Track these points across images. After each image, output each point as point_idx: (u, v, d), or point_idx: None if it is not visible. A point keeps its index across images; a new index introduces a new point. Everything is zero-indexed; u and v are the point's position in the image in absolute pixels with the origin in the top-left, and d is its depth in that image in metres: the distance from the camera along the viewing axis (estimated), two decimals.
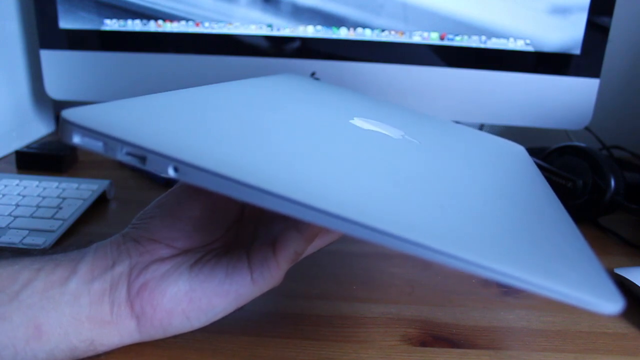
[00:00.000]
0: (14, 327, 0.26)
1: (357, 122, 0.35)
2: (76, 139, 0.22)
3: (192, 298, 0.28)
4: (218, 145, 0.23)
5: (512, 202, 0.30)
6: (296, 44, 0.65)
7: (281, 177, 0.21)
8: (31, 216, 0.47)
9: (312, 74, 0.64)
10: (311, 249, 0.33)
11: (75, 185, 0.53)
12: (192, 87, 0.32)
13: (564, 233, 0.27)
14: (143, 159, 0.22)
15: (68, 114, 0.22)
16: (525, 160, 0.42)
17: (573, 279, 0.21)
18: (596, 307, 0.20)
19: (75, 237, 0.45)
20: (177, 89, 0.31)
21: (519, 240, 0.24)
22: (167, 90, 0.29)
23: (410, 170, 0.28)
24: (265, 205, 0.20)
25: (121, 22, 0.65)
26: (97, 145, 0.22)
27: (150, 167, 0.21)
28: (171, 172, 0.21)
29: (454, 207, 0.25)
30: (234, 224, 0.33)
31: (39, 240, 0.43)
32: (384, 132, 0.34)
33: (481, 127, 0.77)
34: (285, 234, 0.29)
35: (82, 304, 0.27)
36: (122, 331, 0.28)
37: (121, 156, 0.22)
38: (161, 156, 0.21)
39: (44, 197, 0.50)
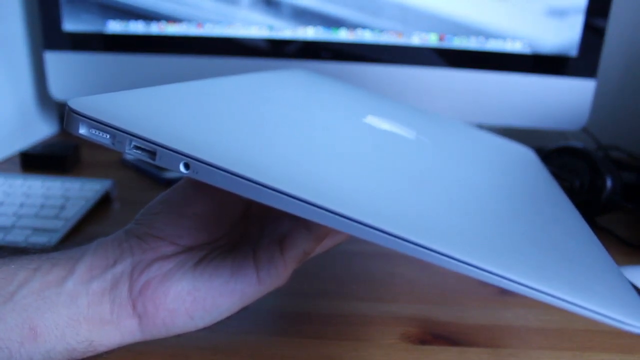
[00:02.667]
0: (7, 329, 0.25)
1: (371, 120, 0.34)
2: (82, 130, 0.21)
3: (196, 297, 0.27)
4: (230, 141, 0.22)
5: (532, 210, 0.29)
6: (296, 45, 0.65)
7: (296, 177, 0.20)
8: (35, 216, 0.47)
9: None
10: (320, 248, 0.32)
11: (78, 185, 0.53)
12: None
13: (585, 243, 0.26)
14: (153, 154, 0.21)
15: (75, 103, 0.21)
16: (536, 164, 0.41)
17: (600, 295, 0.20)
18: (627, 326, 0.19)
19: (78, 237, 0.46)
20: None
21: (543, 251, 0.23)
22: None
23: (427, 174, 0.27)
24: (281, 206, 0.20)
25: (124, 24, 0.66)
26: (104, 138, 0.21)
27: (160, 162, 0.20)
28: (182, 169, 0.20)
29: (473, 215, 0.24)
30: (240, 221, 0.32)
31: (42, 240, 0.43)
32: (398, 131, 0.34)
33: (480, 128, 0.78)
34: (294, 233, 0.28)
35: (80, 305, 0.26)
36: (123, 331, 0.27)
37: (129, 150, 0.21)
38: (172, 151, 0.20)
39: (47, 197, 0.50)
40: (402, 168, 0.27)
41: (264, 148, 0.22)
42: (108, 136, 0.21)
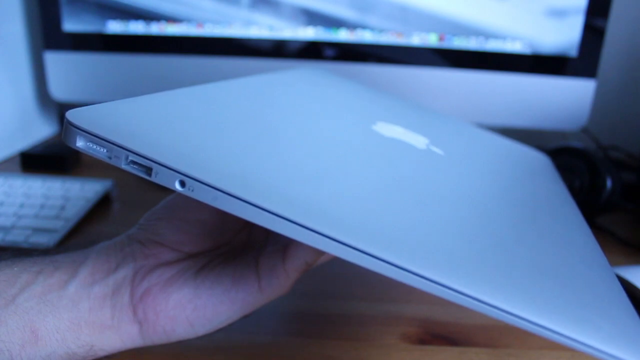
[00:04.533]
0: (9, 332, 0.25)
1: (380, 127, 0.33)
2: (80, 143, 0.21)
3: (197, 305, 0.27)
4: (229, 158, 0.22)
5: (541, 230, 0.28)
6: (296, 46, 0.65)
7: (294, 200, 0.20)
8: (35, 216, 0.47)
9: None
10: (322, 259, 0.32)
11: (78, 185, 0.53)
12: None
13: (593, 268, 0.25)
14: (149, 170, 0.21)
15: (72, 115, 0.21)
16: (551, 173, 0.40)
17: (603, 331, 0.19)
18: None
19: (78, 237, 0.46)
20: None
21: (549, 280, 0.22)
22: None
23: (433, 190, 0.27)
24: (278, 230, 0.19)
25: (124, 24, 0.66)
26: (100, 152, 0.21)
27: (156, 179, 0.20)
28: (178, 186, 0.20)
29: (478, 239, 0.23)
30: (243, 229, 0.32)
31: (43, 240, 0.43)
32: (407, 140, 0.33)
33: None
34: (297, 243, 0.27)
35: (81, 309, 0.26)
36: (123, 336, 0.27)
37: (125, 165, 0.21)
38: (168, 168, 0.20)
39: (48, 197, 0.51)
40: (408, 185, 0.26)
41: (263, 166, 0.22)
42: (105, 150, 0.21)
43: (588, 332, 0.19)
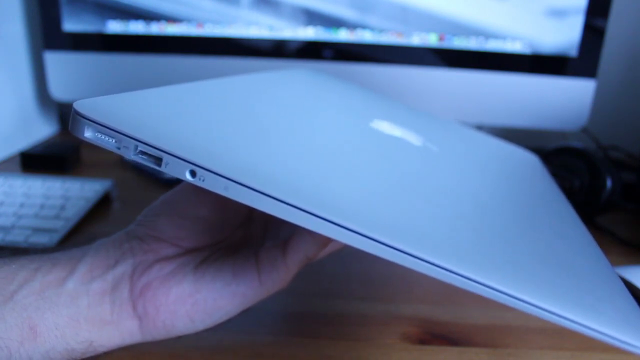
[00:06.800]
0: (7, 328, 0.25)
1: (378, 125, 0.34)
2: (88, 134, 0.21)
3: (197, 299, 0.27)
4: (237, 149, 0.22)
5: (537, 223, 0.28)
6: (296, 46, 0.65)
7: (302, 188, 0.20)
8: (35, 216, 0.47)
9: None
10: (322, 252, 0.32)
11: (78, 185, 0.53)
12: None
13: (590, 259, 0.26)
14: (158, 160, 0.20)
15: (80, 105, 0.21)
16: (541, 172, 0.41)
17: (603, 314, 0.20)
18: (630, 347, 0.19)
19: (78, 237, 0.46)
20: None
21: (549, 269, 0.23)
22: None
23: (432, 183, 0.27)
24: (285, 217, 0.20)
25: (124, 24, 0.66)
26: (109, 142, 0.21)
27: (166, 169, 0.20)
28: (188, 176, 0.20)
29: (478, 228, 0.24)
30: (242, 224, 0.32)
31: (43, 240, 0.43)
32: (404, 137, 0.33)
33: (480, 128, 0.78)
34: (297, 237, 0.28)
35: (80, 305, 0.26)
36: (123, 332, 0.27)
37: (135, 155, 0.21)
38: (179, 158, 0.20)
39: (47, 197, 0.50)
40: (407, 177, 0.27)
41: (270, 156, 0.22)
42: (113, 141, 0.21)
43: (592, 316, 0.19)
